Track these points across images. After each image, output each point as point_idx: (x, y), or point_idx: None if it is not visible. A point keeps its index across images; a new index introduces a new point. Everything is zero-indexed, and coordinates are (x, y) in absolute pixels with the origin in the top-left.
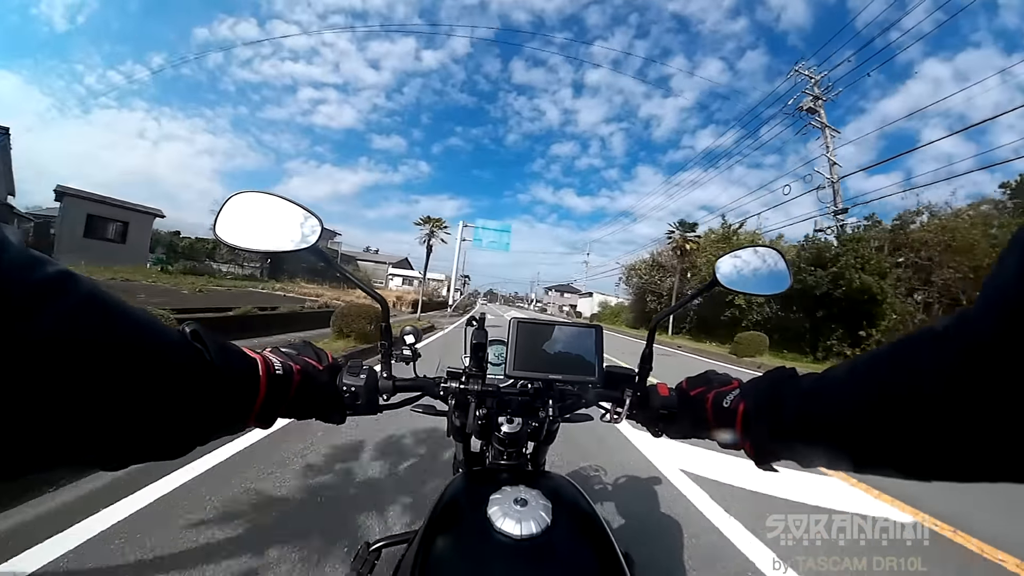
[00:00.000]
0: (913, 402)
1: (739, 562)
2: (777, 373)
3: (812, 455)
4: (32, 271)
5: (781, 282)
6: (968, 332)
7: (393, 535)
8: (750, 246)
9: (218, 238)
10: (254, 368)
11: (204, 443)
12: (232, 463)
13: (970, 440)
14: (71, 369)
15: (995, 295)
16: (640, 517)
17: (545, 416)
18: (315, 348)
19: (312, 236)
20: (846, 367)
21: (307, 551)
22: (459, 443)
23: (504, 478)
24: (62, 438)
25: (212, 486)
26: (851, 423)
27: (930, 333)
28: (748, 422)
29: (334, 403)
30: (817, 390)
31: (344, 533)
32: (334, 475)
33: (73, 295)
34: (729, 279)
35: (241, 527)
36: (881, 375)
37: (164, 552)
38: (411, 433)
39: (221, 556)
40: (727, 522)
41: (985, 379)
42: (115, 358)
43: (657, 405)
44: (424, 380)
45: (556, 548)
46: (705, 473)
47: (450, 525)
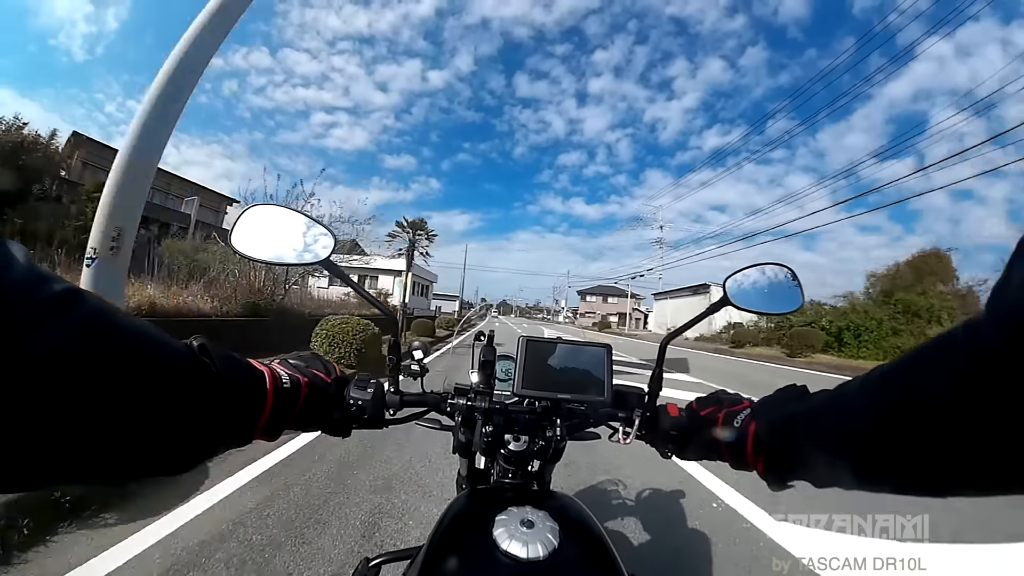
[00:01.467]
0: (927, 417)
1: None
2: (788, 391)
3: (826, 474)
4: (39, 288)
5: (793, 300)
6: (977, 343)
7: (392, 551)
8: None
9: (233, 249)
10: (261, 381)
11: (211, 457)
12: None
13: (988, 454)
14: (77, 385)
15: (1001, 304)
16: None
17: (553, 435)
18: (324, 361)
19: (325, 251)
20: (857, 383)
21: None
22: (464, 459)
23: (510, 497)
24: (68, 453)
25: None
26: (864, 440)
27: (940, 345)
28: (759, 442)
29: (341, 416)
30: (829, 407)
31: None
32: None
33: (79, 312)
34: (739, 297)
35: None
36: (894, 390)
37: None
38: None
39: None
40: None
41: (997, 390)
42: (121, 373)
43: (667, 426)
44: (431, 396)
45: (562, 572)
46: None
47: (454, 545)
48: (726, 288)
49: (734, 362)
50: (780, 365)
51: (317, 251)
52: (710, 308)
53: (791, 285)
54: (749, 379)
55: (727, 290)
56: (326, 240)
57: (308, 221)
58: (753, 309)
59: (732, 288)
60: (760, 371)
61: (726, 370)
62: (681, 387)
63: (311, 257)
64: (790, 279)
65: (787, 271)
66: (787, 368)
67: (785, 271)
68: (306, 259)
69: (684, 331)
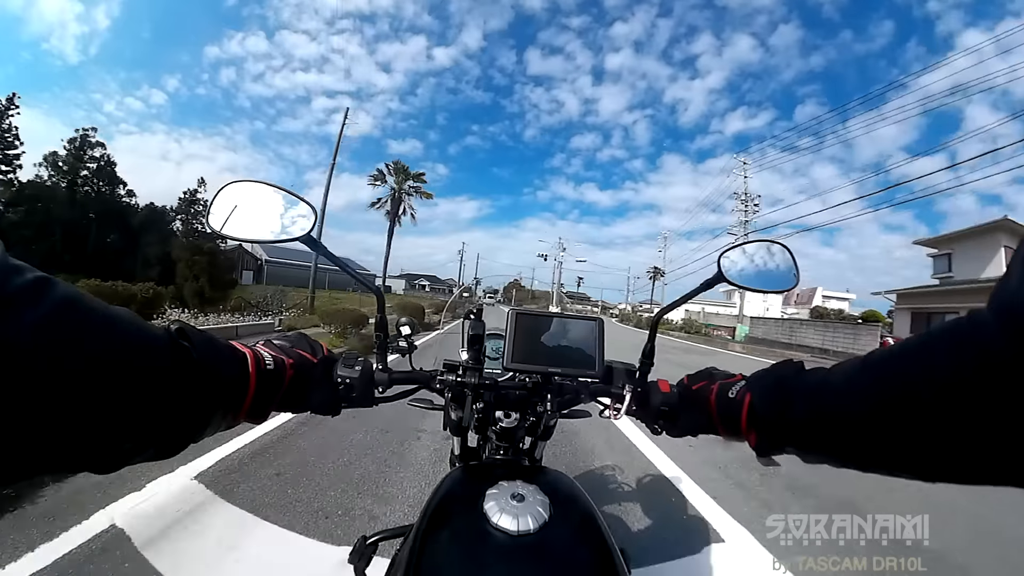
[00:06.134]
0: (928, 403)
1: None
2: (783, 366)
3: (817, 451)
4: (10, 277)
5: (788, 279)
6: (982, 337)
7: (389, 529)
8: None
9: (211, 230)
10: (243, 363)
11: (197, 440)
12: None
13: (984, 444)
14: (51, 375)
15: (1005, 300)
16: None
17: (543, 411)
18: (310, 340)
19: (307, 224)
20: (858, 364)
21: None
22: (456, 437)
23: (501, 473)
24: (46, 444)
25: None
26: (861, 421)
27: (945, 335)
28: (754, 413)
29: (328, 396)
30: (827, 385)
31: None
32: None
33: (49, 301)
34: (734, 274)
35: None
36: (895, 374)
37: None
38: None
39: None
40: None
41: (1000, 385)
42: (97, 360)
43: (658, 402)
44: (421, 373)
45: (552, 544)
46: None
47: (446, 520)
48: (720, 264)
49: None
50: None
51: (300, 226)
52: (704, 284)
53: (787, 264)
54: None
55: (721, 266)
56: (307, 214)
57: (288, 196)
58: (748, 287)
59: (727, 265)
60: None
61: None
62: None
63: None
64: (786, 258)
65: (784, 250)
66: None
67: (782, 250)
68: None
69: (677, 307)
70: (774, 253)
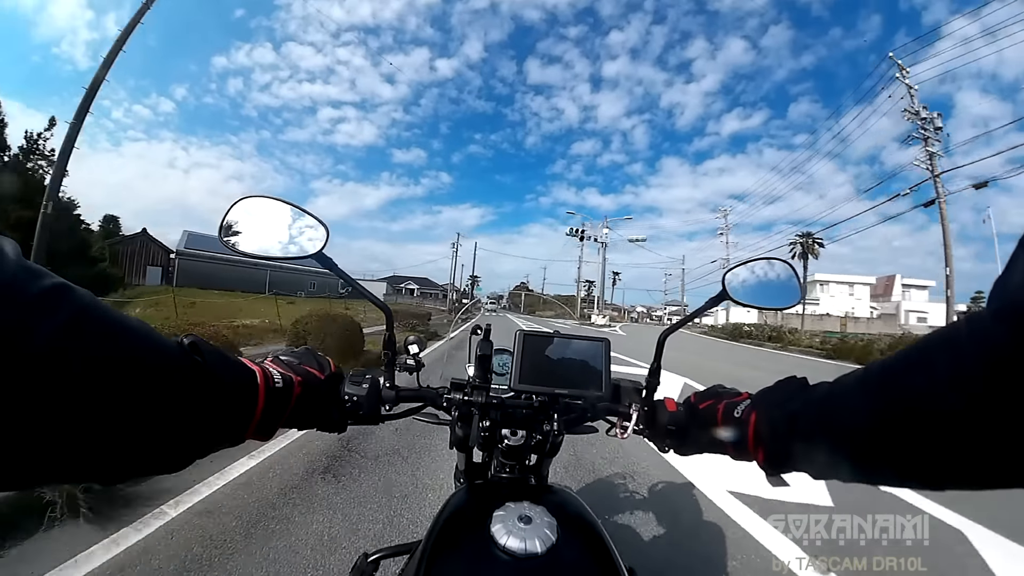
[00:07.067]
0: (931, 412)
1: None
2: (788, 382)
3: (826, 465)
4: (29, 283)
5: (791, 296)
6: (983, 339)
7: (390, 546)
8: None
9: (223, 243)
10: (252, 380)
11: (203, 456)
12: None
13: (995, 446)
14: (67, 383)
15: (1007, 297)
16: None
17: (550, 429)
18: (317, 357)
19: (319, 242)
20: (859, 376)
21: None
22: (462, 454)
23: (508, 492)
24: (58, 453)
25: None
26: (867, 434)
27: (945, 340)
28: (760, 432)
29: (335, 413)
30: (831, 399)
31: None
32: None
33: (68, 308)
34: (738, 292)
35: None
36: (895, 386)
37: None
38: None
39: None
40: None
41: (1007, 382)
42: (112, 370)
43: (665, 421)
44: (428, 390)
45: (560, 567)
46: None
47: (452, 540)
48: (725, 282)
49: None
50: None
51: (312, 244)
52: (709, 302)
53: (790, 281)
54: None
55: (726, 284)
56: (319, 232)
57: (300, 213)
58: (751, 304)
59: (731, 282)
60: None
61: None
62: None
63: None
64: (789, 275)
65: (787, 266)
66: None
67: (785, 266)
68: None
69: (683, 325)
70: (777, 270)
